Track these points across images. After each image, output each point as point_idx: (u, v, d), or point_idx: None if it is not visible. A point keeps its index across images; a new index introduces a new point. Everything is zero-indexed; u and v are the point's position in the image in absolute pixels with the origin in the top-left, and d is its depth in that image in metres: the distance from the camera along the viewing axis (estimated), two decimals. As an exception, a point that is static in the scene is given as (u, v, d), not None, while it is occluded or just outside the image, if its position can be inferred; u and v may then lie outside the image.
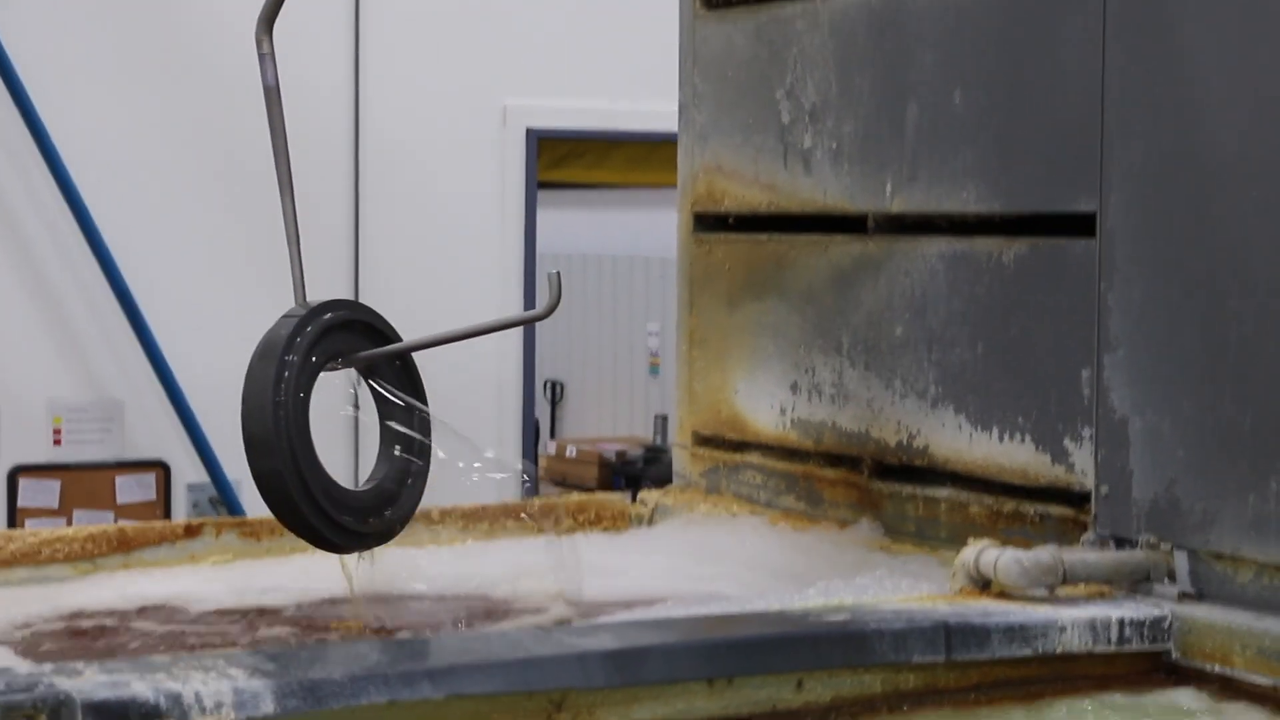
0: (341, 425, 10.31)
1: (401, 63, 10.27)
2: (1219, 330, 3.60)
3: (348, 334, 3.99)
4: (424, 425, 4.04)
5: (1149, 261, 3.74)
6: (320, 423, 3.81)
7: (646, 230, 12.78)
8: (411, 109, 10.29)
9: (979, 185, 4.11)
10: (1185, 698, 3.47)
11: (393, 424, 4.03)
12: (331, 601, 4.03)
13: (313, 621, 3.93)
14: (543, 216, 10.70)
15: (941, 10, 4.20)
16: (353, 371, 4.07)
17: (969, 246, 4.14)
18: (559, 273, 3.98)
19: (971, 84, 4.13)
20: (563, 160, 11.42)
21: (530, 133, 10.49)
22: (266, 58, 4.12)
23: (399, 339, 4.08)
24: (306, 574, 4.17)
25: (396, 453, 3.97)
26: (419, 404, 4.07)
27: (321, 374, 3.94)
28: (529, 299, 10.56)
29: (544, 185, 10.82)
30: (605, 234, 13.60)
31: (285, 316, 3.90)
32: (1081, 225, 3.87)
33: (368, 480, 3.95)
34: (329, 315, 3.93)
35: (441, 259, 10.38)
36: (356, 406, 4.23)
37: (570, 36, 10.49)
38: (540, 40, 10.48)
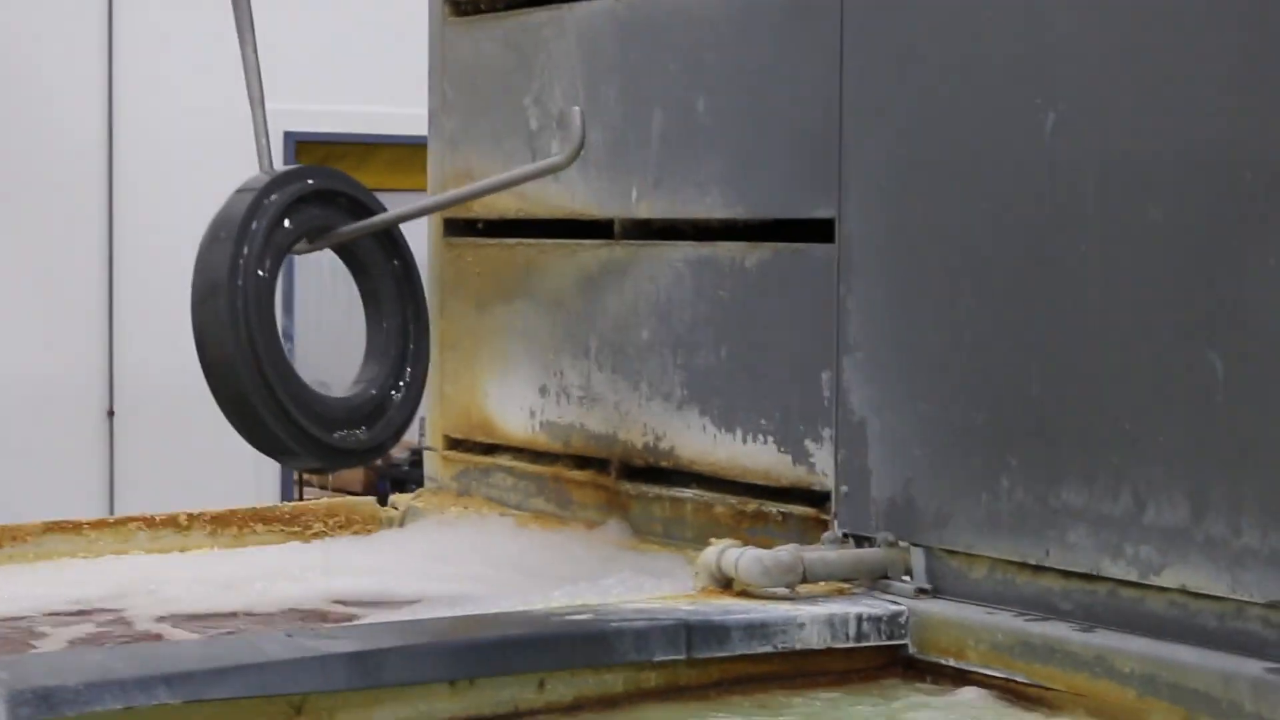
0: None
1: (156, 67, 10.16)
2: (953, 331, 3.66)
3: (323, 208, 3.51)
4: (420, 320, 3.62)
5: (886, 265, 3.79)
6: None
7: (408, 233, 12.66)
8: (167, 113, 10.19)
9: (722, 191, 4.16)
10: (920, 691, 3.53)
11: (381, 320, 3.60)
12: (72, 614, 3.96)
13: (41, 628, 3.87)
14: (303, 220, 10.63)
15: (685, 20, 4.24)
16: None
17: (713, 251, 4.17)
18: (580, 109, 3.54)
19: (715, 92, 4.17)
20: (322, 164, 11.37)
21: (289, 136, 10.43)
22: None
23: (380, 210, 3.59)
24: (48, 581, 4.12)
25: (386, 353, 3.58)
26: (413, 293, 3.62)
27: (290, 256, 3.46)
28: (288, 298, 10.49)
29: (303, 189, 10.75)
30: (366, 238, 13.56)
31: (240, 190, 3.42)
32: (821, 230, 3.92)
33: (352, 385, 3.53)
34: (295, 186, 3.46)
35: (197, 265, 10.29)
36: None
37: (328, 42, 10.45)
38: (298, 45, 10.42)
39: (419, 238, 5.11)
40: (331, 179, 3.56)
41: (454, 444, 4.90)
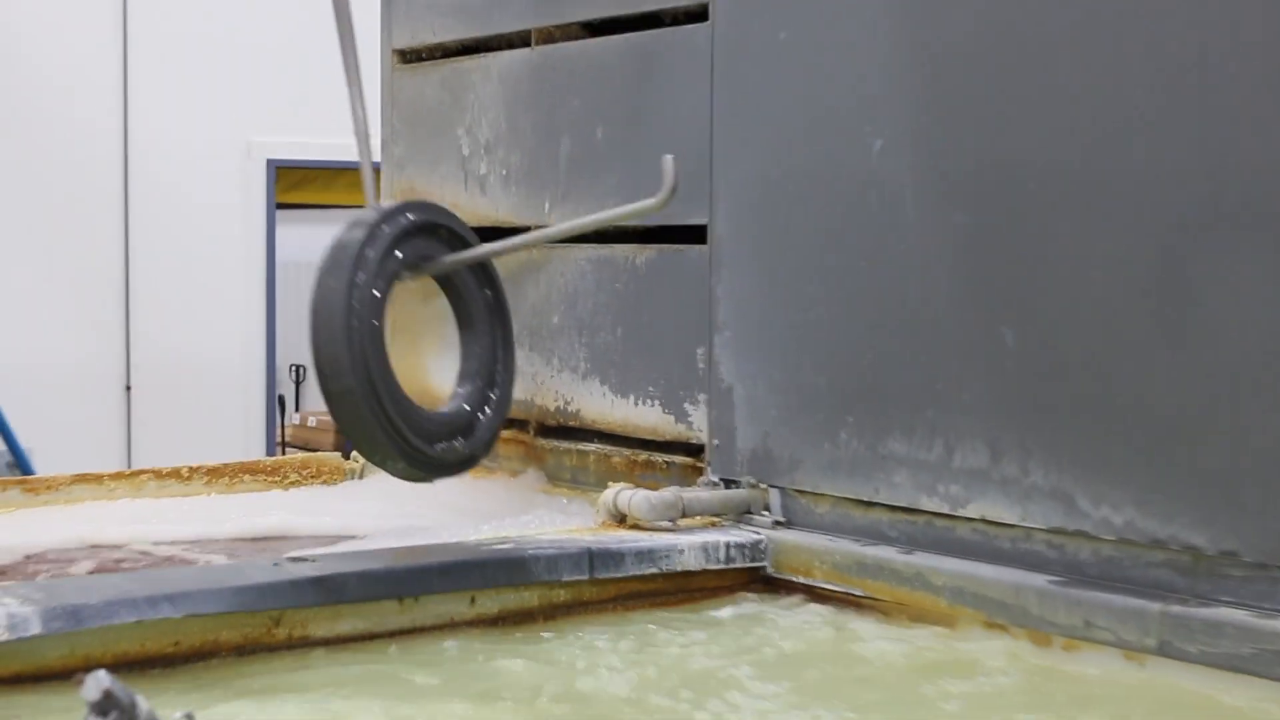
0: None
1: (164, 107, 10.08)
2: (801, 313, 3.68)
3: (426, 239, 3.23)
4: (507, 344, 3.32)
5: (748, 261, 3.81)
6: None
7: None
8: (172, 144, 10.10)
9: (617, 203, 4.12)
10: (776, 603, 3.56)
11: (473, 342, 3.31)
12: (95, 546, 3.94)
13: (75, 557, 3.84)
14: (282, 231, 10.57)
15: (585, 63, 4.24)
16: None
17: (610, 252, 4.18)
18: (673, 157, 3.13)
19: (611, 123, 4.18)
20: (297, 185, 11.28)
21: (270, 162, 10.36)
22: None
23: (477, 243, 3.28)
24: (76, 522, 4.09)
25: (478, 373, 3.29)
26: (501, 319, 3.29)
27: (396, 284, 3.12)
28: (270, 298, 10.42)
29: (282, 206, 10.68)
30: (335, 245, 13.50)
31: (353, 224, 3.10)
32: (696, 234, 3.93)
33: (449, 401, 3.25)
34: (402, 220, 3.16)
35: (198, 267, 10.21)
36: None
37: (303, 83, 10.37)
38: (278, 87, 10.36)
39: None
40: (432, 213, 3.27)
41: (404, 409, 4.87)
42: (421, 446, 3.08)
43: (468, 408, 3.25)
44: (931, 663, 3.08)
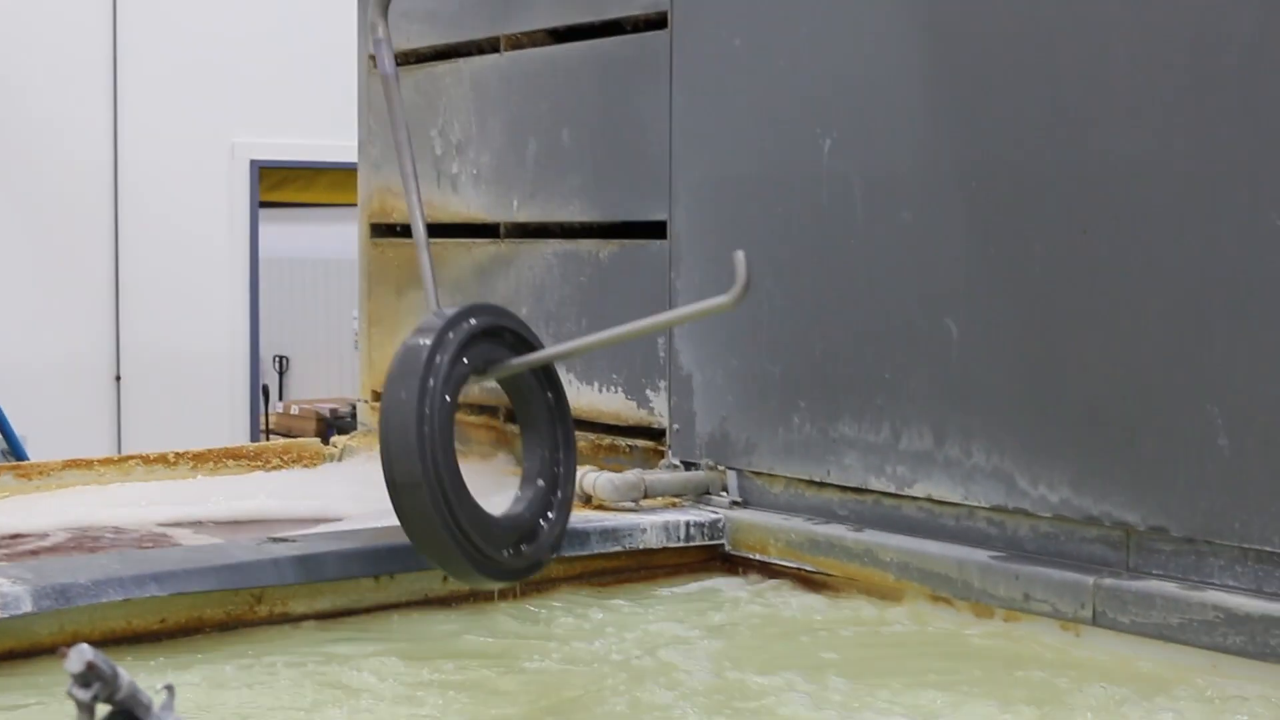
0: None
1: (152, 109, 10.02)
2: (756, 306, 3.68)
3: (489, 343, 3.04)
4: (569, 446, 3.17)
5: (705, 256, 3.81)
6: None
7: (347, 239, 12.42)
8: (160, 145, 10.05)
9: (582, 201, 4.16)
10: (734, 579, 3.57)
11: (536, 444, 3.15)
12: (84, 528, 3.92)
13: (68, 540, 3.83)
14: (265, 229, 10.53)
15: (551, 69, 4.24)
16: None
17: (575, 247, 4.18)
18: (744, 255, 2.85)
19: (576, 125, 4.17)
20: (279, 185, 11.21)
21: (253, 163, 10.32)
22: (382, 43, 3.30)
23: (540, 345, 3.12)
24: (66, 505, 4.07)
25: (540, 475, 3.13)
26: (563, 421, 3.15)
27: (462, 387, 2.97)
28: (254, 293, 10.37)
29: (265, 204, 10.64)
30: (315, 242, 13.37)
31: (421, 330, 2.96)
32: (656, 230, 3.93)
33: (513, 504, 3.09)
34: (466, 325, 2.99)
35: (185, 263, 10.15)
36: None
37: (284, 88, 10.33)
38: (260, 91, 10.31)
39: (351, 238, 5.08)
40: (496, 316, 3.08)
41: (379, 397, 4.84)
42: (491, 553, 2.92)
43: (531, 511, 3.08)
44: (843, 624, 3.17)
